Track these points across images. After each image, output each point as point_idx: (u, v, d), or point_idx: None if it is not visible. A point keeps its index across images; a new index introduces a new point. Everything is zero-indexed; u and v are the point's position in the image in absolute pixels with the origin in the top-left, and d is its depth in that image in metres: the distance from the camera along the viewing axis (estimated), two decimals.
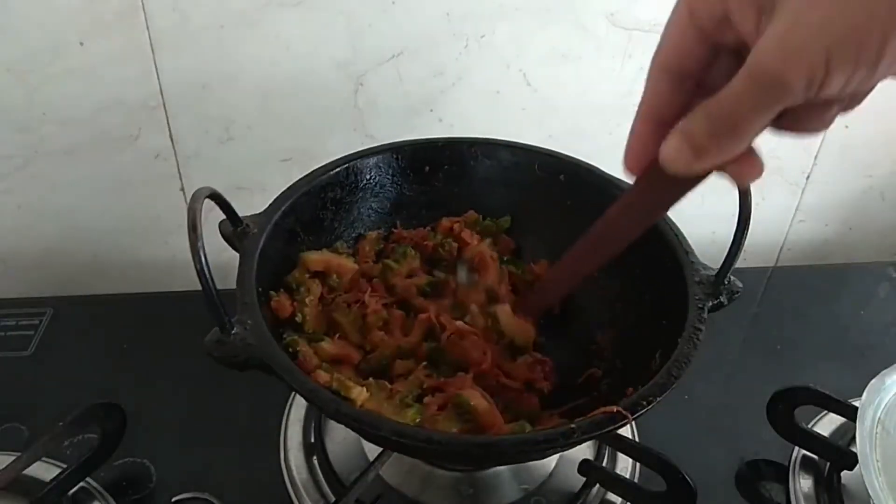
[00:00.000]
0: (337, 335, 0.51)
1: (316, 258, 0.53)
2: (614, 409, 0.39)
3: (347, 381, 0.44)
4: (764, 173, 0.32)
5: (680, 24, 0.32)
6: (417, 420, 0.44)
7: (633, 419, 0.39)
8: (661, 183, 0.34)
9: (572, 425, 0.38)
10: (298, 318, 0.50)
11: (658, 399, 0.40)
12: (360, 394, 0.44)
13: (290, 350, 0.47)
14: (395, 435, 0.38)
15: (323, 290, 0.53)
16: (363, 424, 0.38)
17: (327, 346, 0.49)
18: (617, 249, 0.41)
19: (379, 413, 0.44)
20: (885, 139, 0.85)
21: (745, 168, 0.32)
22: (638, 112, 0.34)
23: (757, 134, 0.29)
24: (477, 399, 0.46)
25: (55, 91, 0.69)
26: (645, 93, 0.33)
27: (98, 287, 0.80)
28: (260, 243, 0.48)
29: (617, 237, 0.40)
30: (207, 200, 0.42)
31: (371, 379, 0.47)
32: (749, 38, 0.29)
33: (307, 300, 0.51)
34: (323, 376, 0.45)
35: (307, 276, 0.53)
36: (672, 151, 0.31)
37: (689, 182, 0.33)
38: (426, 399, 0.47)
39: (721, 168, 0.32)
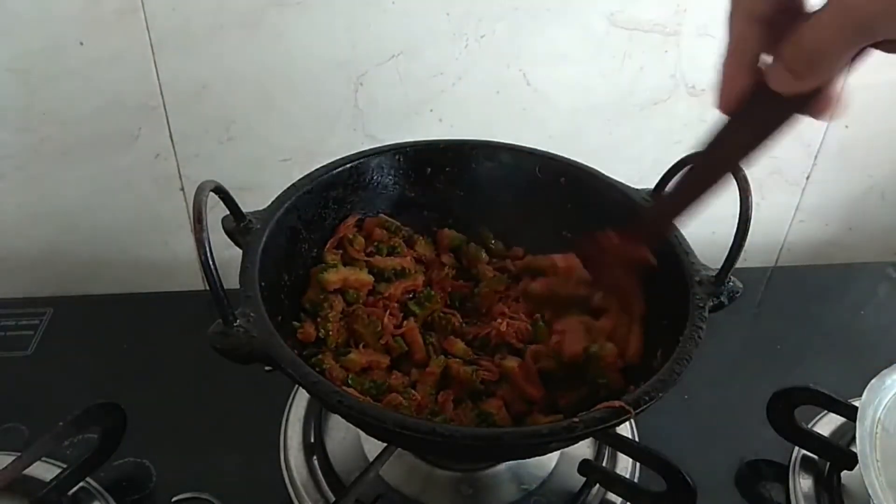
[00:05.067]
0: (362, 345, 0.52)
1: (333, 278, 0.53)
2: (617, 403, 0.39)
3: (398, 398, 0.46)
4: (764, 173, 0.33)
5: None
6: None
7: (636, 414, 0.39)
8: (757, 115, 0.36)
9: (575, 419, 0.38)
10: (321, 334, 0.51)
11: (660, 395, 0.40)
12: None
13: (318, 369, 0.48)
14: (399, 427, 0.37)
15: (344, 304, 0.54)
16: (366, 417, 0.38)
17: (356, 356, 0.50)
18: (721, 180, 0.41)
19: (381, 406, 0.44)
20: (885, 139, 0.85)
21: (829, 102, 0.33)
22: (727, 55, 0.35)
23: (846, 59, 0.30)
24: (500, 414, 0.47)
25: (55, 91, 0.69)
26: (731, 38, 0.34)
27: (98, 287, 0.80)
28: (263, 238, 0.48)
29: (718, 168, 0.41)
30: (210, 197, 0.43)
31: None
32: None
33: (330, 316, 0.51)
34: (351, 393, 0.45)
35: (326, 293, 0.53)
36: (779, 73, 0.33)
37: (785, 109, 0.35)
38: (440, 396, 0.48)
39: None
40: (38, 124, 0.70)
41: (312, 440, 0.58)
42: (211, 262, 0.38)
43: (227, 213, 0.49)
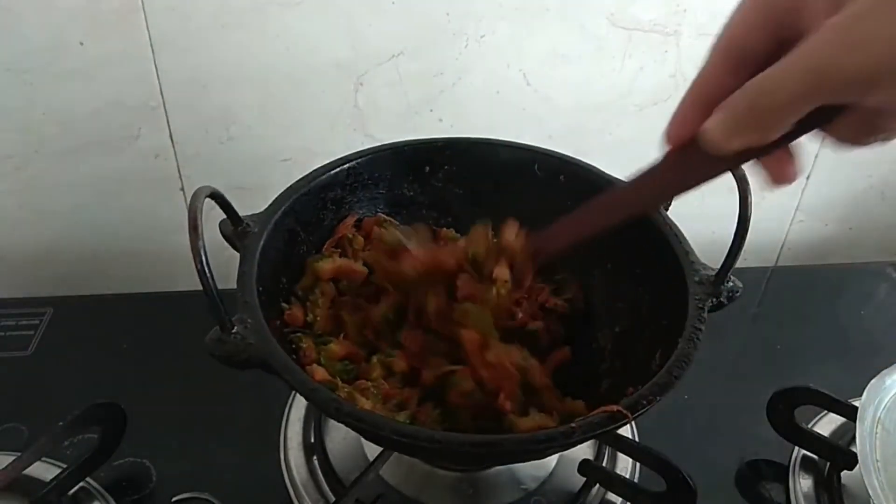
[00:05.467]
0: (343, 335, 0.52)
1: (327, 267, 0.53)
2: (614, 408, 0.39)
3: (355, 393, 0.46)
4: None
5: (750, 6, 0.30)
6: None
7: (633, 419, 0.39)
8: (694, 161, 0.34)
9: (572, 425, 0.38)
10: (310, 319, 0.51)
11: (658, 399, 0.40)
12: (364, 404, 0.45)
13: (294, 346, 0.48)
14: (396, 435, 0.38)
15: (335, 293, 0.54)
16: (364, 424, 0.38)
17: (336, 346, 0.50)
18: (631, 216, 0.40)
19: (378, 412, 0.45)
20: None
21: (780, 167, 0.32)
22: (691, 87, 0.33)
23: (791, 121, 0.28)
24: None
25: (55, 91, 0.69)
26: (702, 70, 0.32)
27: (98, 287, 0.80)
28: (260, 243, 0.48)
29: (635, 204, 0.40)
30: (208, 200, 0.42)
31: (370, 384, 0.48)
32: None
33: (319, 302, 0.52)
34: (319, 372, 0.46)
35: (319, 280, 0.53)
36: (711, 124, 0.30)
37: (720, 163, 0.33)
38: (405, 392, 0.48)
39: (757, 158, 0.32)
40: (38, 124, 0.71)
41: (312, 440, 0.58)
42: (207, 271, 0.38)
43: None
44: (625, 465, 0.57)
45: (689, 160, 0.34)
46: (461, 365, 0.48)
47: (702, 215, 0.69)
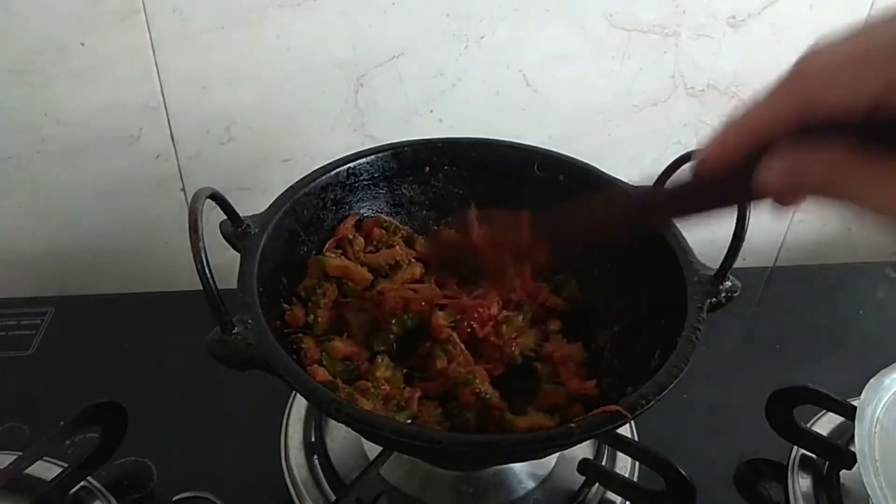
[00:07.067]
0: (346, 334, 0.52)
1: (336, 263, 0.54)
2: (613, 408, 0.39)
3: (355, 393, 0.46)
4: None
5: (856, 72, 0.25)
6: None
7: (632, 419, 0.39)
8: (715, 190, 0.32)
9: (571, 425, 0.38)
10: (310, 319, 0.51)
11: (657, 398, 0.40)
12: (364, 405, 0.45)
13: (295, 346, 0.48)
14: (396, 435, 0.38)
15: (337, 293, 0.54)
16: (364, 425, 0.38)
17: (339, 344, 0.50)
18: (635, 230, 0.40)
19: (378, 413, 0.45)
20: None
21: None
22: (743, 118, 0.29)
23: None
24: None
25: (56, 91, 0.69)
26: (762, 107, 0.28)
27: (99, 287, 0.80)
28: (261, 243, 0.48)
29: (644, 219, 0.39)
30: (208, 201, 0.43)
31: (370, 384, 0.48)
32: None
33: (322, 303, 0.52)
34: (321, 372, 0.46)
35: (322, 279, 0.54)
36: (774, 175, 0.27)
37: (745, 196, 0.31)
38: (407, 392, 0.49)
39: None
40: (40, 125, 0.71)
41: (313, 439, 0.58)
42: (207, 272, 0.39)
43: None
44: (624, 464, 0.57)
45: (712, 188, 0.33)
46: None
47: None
